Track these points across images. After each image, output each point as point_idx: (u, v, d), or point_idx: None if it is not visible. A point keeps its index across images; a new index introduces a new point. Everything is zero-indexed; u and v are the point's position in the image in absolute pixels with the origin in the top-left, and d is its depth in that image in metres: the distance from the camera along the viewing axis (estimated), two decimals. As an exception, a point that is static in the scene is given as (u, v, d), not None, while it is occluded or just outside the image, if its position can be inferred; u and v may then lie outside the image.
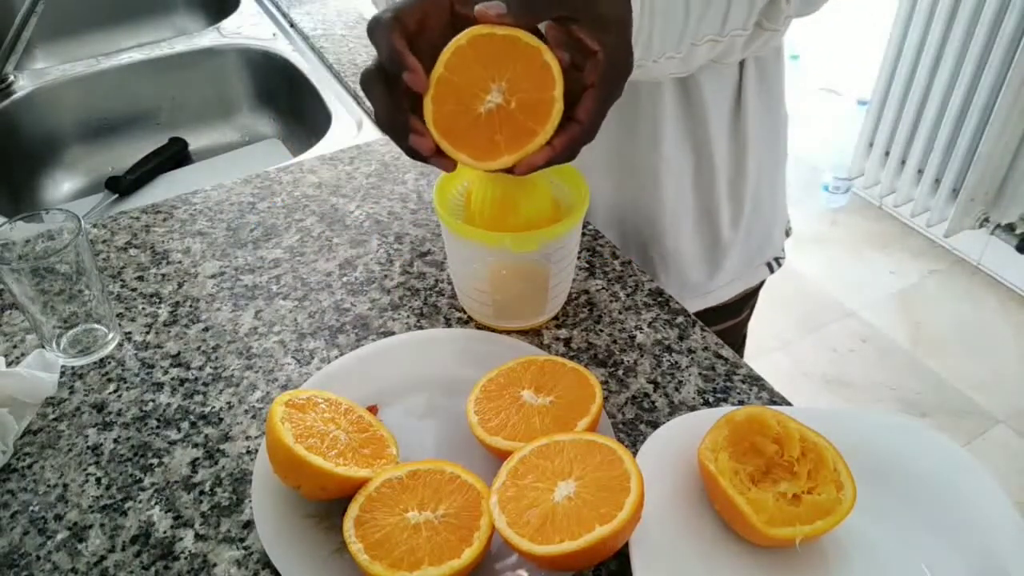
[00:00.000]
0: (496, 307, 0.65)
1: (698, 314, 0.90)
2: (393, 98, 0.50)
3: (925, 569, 0.48)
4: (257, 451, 0.57)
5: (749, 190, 0.82)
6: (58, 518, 0.54)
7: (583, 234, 0.76)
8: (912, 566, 0.49)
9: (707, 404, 0.61)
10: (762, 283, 0.94)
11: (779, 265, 0.92)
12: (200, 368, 0.65)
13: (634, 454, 0.48)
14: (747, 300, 0.94)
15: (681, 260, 0.83)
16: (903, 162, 2.22)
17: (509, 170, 0.51)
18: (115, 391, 0.63)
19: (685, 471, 0.52)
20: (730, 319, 0.93)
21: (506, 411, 0.54)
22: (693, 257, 0.84)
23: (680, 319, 0.68)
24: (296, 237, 0.78)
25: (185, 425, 0.60)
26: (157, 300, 0.71)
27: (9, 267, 0.59)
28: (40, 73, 1.10)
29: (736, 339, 0.98)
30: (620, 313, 0.68)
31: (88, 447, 0.59)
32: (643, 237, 0.82)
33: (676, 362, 0.64)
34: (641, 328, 0.67)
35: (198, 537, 0.53)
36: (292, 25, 1.20)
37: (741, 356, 1.01)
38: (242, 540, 0.53)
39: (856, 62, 2.60)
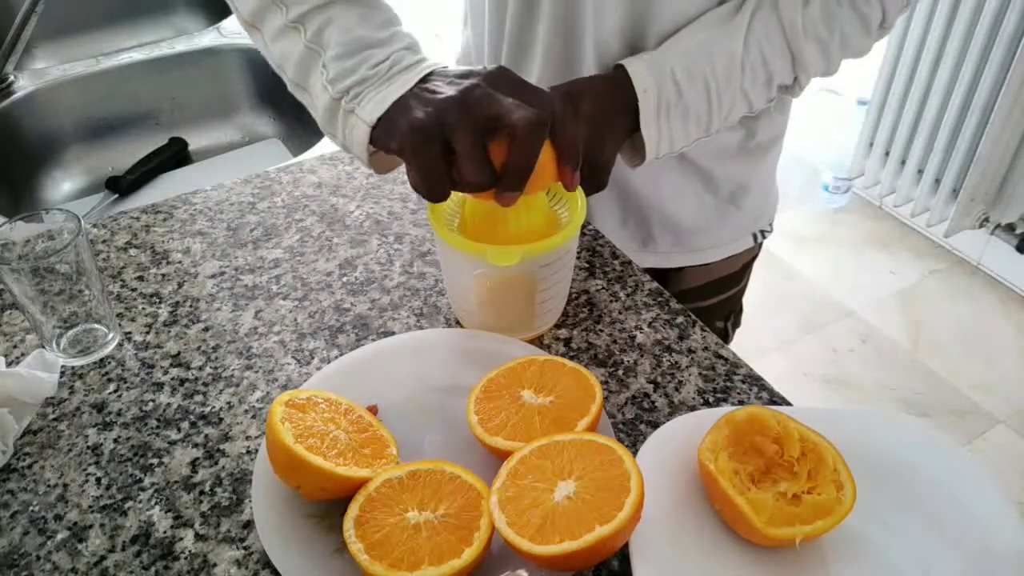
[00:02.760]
0: (482, 318, 0.64)
1: (706, 284, 0.91)
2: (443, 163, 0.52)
3: (925, 569, 0.48)
4: (257, 451, 0.57)
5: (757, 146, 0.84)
6: (58, 518, 0.54)
7: (583, 234, 0.76)
8: (912, 566, 0.49)
9: (707, 404, 0.61)
10: (758, 250, 0.96)
11: (763, 236, 0.94)
12: (200, 368, 0.65)
13: (634, 454, 0.48)
14: (747, 268, 0.97)
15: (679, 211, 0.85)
16: (903, 162, 2.22)
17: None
18: (115, 391, 0.63)
19: (685, 471, 0.52)
20: (734, 287, 0.96)
21: (506, 411, 0.54)
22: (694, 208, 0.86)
23: (680, 319, 0.68)
24: (296, 237, 0.78)
25: (185, 425, 0.60)
26: (157, 300, 0.71)
27: (9, 267, 0.59)
28: (40, 73, 1.10)
29: (738, 305, 1.02)
30: (620, 313, 0.68)
31: (88, 447, 0.59)
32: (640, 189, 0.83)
33: (676, 362, 0.64)
34: (641, 328, 0.67)
35: (198, 537, 0.53)
36: (292, 25, 1.20)
37: (739, 322, 1.03)
38: (242, 540, 0.53)
39: (856, 62, 2.59)
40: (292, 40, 0.58)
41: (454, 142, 0.51)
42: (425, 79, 0.54)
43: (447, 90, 0.52)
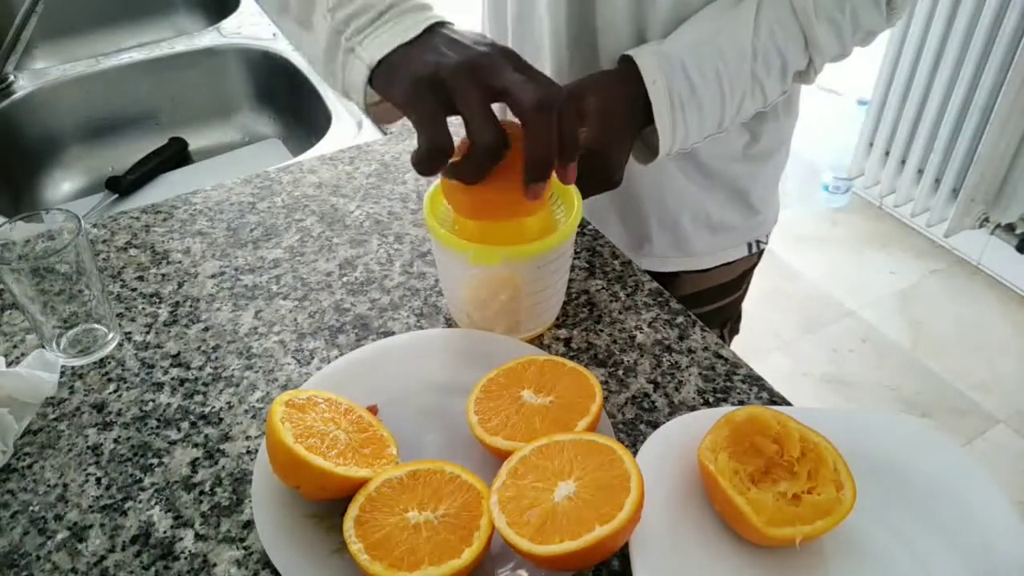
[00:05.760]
0: (471, 318, 0.64)
1: (704, 290, 0.91)
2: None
3: (925, 569, 0.48)
4: (257, 451, 0.57)
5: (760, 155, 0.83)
6: (58, 518, 0.54)
7: (583, 234, 0.76)
8: (912, 566, 0.49)
9: (707, 404, 0.61)
10: (758, 258, 0.96)
11: (759, 247, 0.93)
12: (200, 368, 0.65)
13: (634, 454, 0.48)
14: (746, 276, 0.97)
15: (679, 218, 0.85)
16: (903, 162, 2.22)
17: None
18: (115, 391, 0.63)
19: (685, 471, 0.52)
20: (731, 295, 0.96)
21: (506, 411, 0.54)
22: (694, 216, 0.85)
23: (680, 319, 0.68)
24: (296, 237, 0.78)
25: (185, 425, 0.60)
26: (157, 300, 0.71)
27: (9, 267, 0.59)
28: (40, 73, 1.10)
29: (735, 313, 1.02)
30: (620, 313, 0.68)
31: (88, 447, 0.59)
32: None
33: (676, 362, 0.64)
34: (641, 328, 0.67)
35: (198, 537, 0.53)
36: (292, 25, 1.20)
37: (738, 330, 1.03)
38: (242, 540, 0.53)
39: (856, 62, 2.59)
40: None
41: (459, 103, 0.48)
42: (432, 29, 0.51)
43: (454, 51, 0.49)
